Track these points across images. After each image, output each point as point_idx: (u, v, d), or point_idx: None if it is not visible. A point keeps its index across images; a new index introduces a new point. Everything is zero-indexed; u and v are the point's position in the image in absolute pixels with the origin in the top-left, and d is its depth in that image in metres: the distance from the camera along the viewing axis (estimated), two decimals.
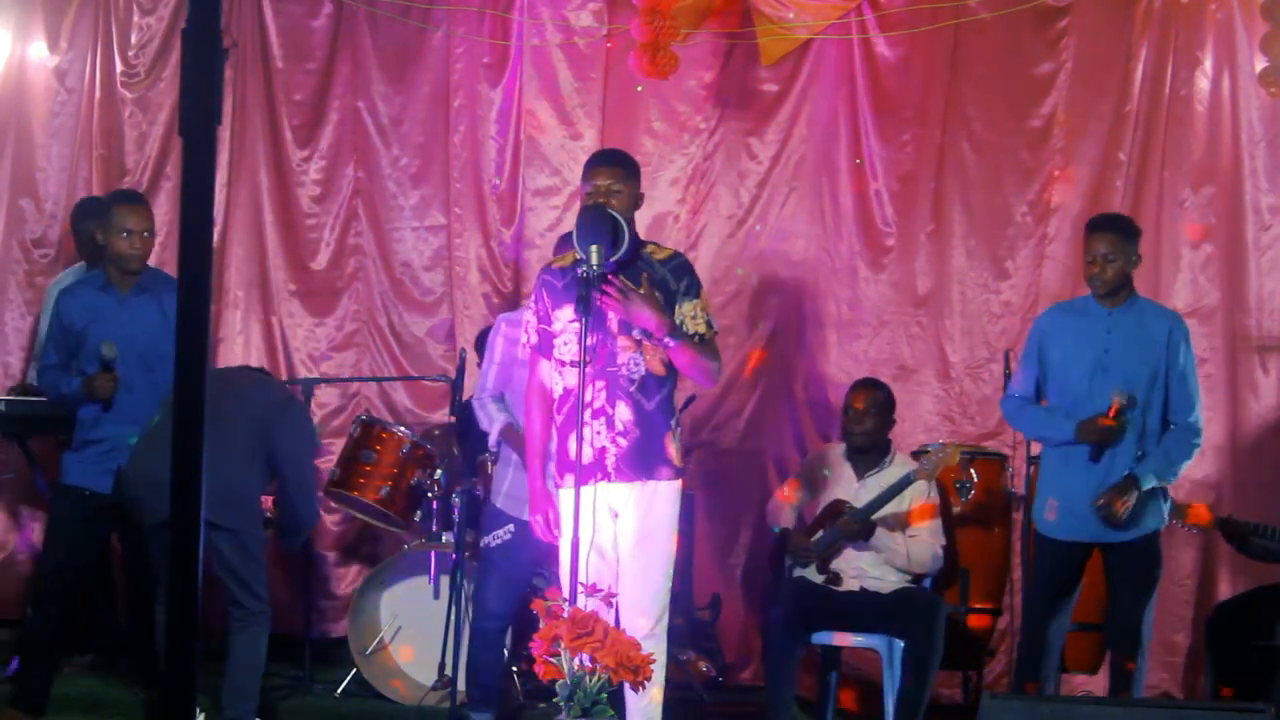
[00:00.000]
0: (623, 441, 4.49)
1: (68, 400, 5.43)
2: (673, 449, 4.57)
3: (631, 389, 4.50)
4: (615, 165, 4.65)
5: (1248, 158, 6.60)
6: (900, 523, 5.62)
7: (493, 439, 5.44)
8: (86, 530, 5.42)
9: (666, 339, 4.45)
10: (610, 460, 4.48)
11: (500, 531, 5.39)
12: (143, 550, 5.36)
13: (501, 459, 5.49)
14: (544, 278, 4.69)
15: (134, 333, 5.32)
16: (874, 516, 5.55)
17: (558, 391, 4.59)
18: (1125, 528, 5.18)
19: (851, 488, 5.69)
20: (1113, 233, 5.28)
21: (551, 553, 4.80)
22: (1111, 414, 5.12)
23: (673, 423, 4.60)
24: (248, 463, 5.14)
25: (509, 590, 5.38)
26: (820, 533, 5.65)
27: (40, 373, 5.66)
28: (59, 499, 5.52)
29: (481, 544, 5.47)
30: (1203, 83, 6.64)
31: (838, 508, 5.64)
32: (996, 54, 6.82)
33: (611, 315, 4.47)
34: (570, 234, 4.62)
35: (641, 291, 4.44)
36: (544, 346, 4.62)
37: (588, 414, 4.43)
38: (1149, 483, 5.14)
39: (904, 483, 5.52)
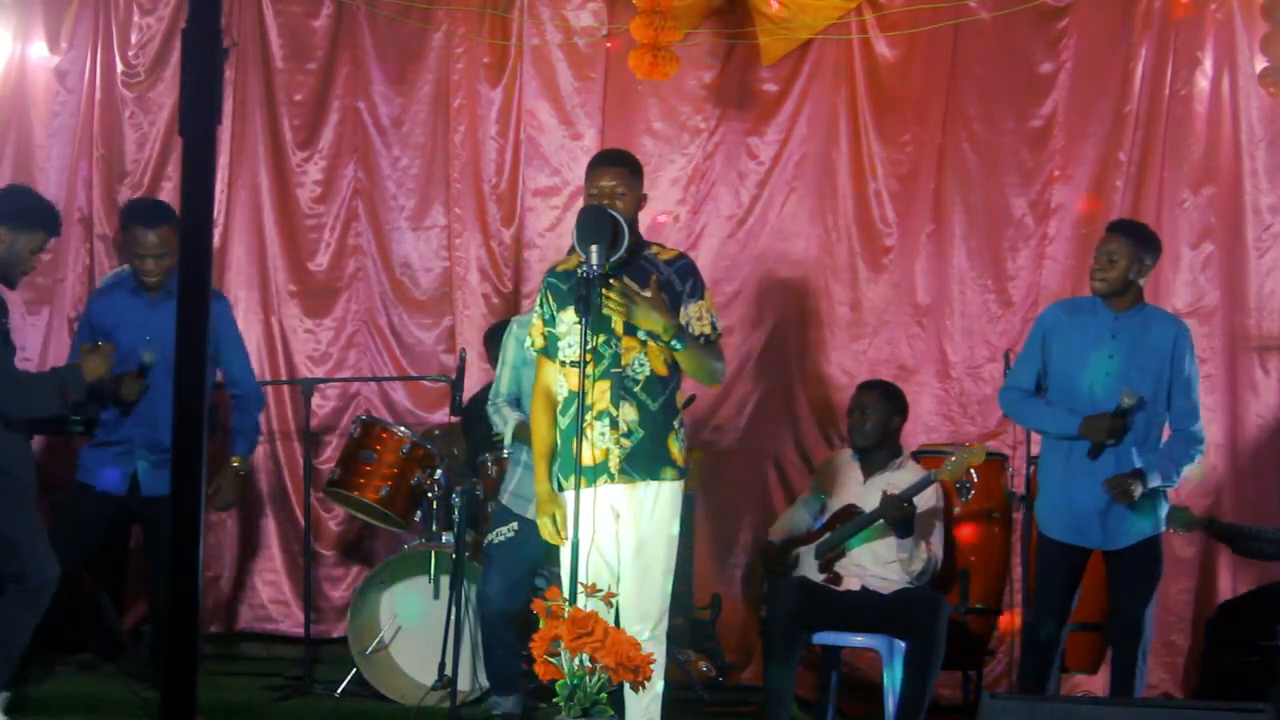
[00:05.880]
0: (627, 442, 4.49)
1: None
2: (676, 449, 4.58)
3: (636, 390, 4.50)
4: (620, 166, 4.65)
5: (1248, 158, 6.60)
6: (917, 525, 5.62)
7: (507, 439, 5.47)
8: (97, 529, 5.45)
9: (673, 342, 4.46)
10: (614, 461, 4.48)
11: (504, 529, 5.42)
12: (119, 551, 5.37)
13: (512, 459, 5.51)
14: (549, 281, 4.69)
15: (161, 337, 5.32)
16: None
17: (563, 394, 4.59)
18: (1125, 533, 5.21)
19: (858, 489, 5.68)
20: (1125, 236, 5.28)
21: (553, 552, 4.81)
22: (1118, 412, 5.13)
23: (676, 423, 4.61)
24: None
25: (513, 586, 5.41)
26: (827, 534, 5.65)
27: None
28: (75, 495, 5.53)
29: (485, 540, 5.49)
30: (1203, 83, 6.64)
31: (849, 512, 5.63)
32: (996, 54, 6.82)
33: (615, 317, 4.47)
34: None
35: (648, 295, 4.44)
36: (549, 349, 4.63)
37: (590, 415, 4.44)
38: (1154, 480, 5.16)
39: (925, 482, 5.51)
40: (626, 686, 4.10)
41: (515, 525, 5.38)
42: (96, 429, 5.46)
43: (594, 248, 4.37)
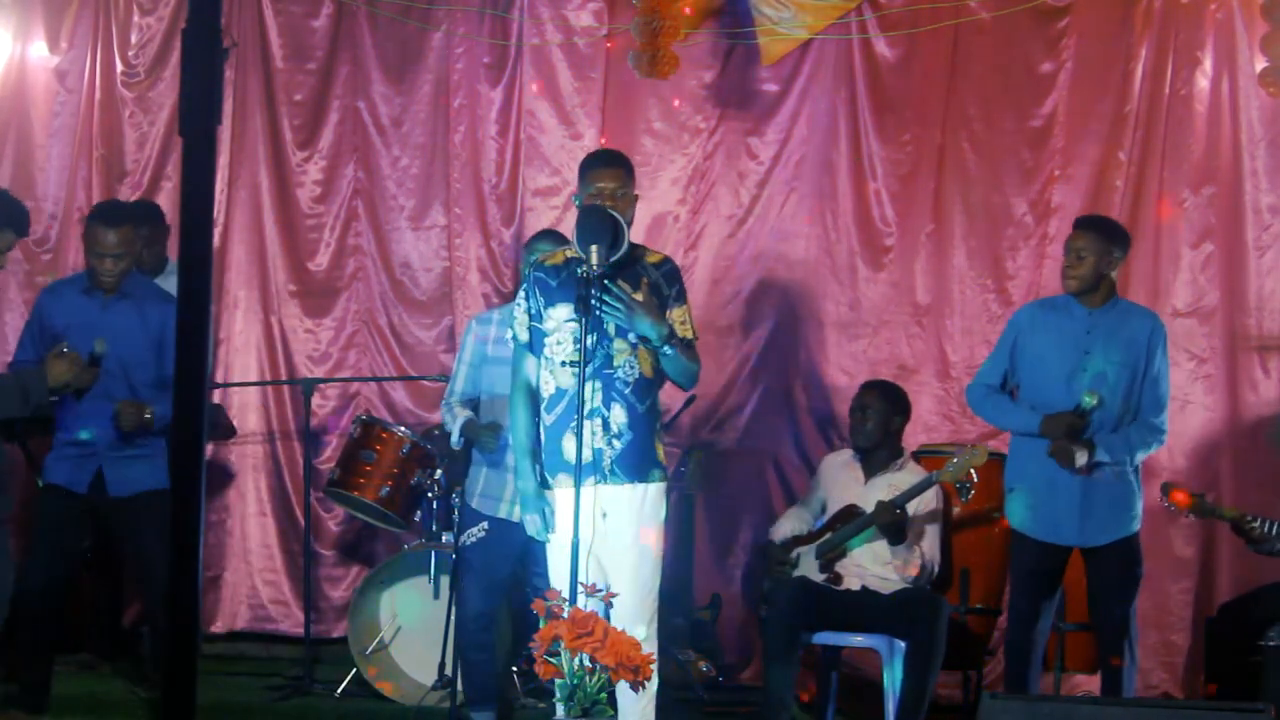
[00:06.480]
0: (617, 444, 4.50)
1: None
2: (660, 451, 4.61)
3: (626, 391, 4.51)
4: (619, 167, 4.66)
5: (1248, 158, 6.60)
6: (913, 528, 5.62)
7: (454, 437, 5.46)
8: (71, 530, 5.43)
9: (665, 348, 4.47)
10: (606, 462, 4.49)
11: (474, 530, 5.41)
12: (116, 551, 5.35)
13: (474, 459, 5.50)
14: (536, 275, 4.67)
15: (113, 339, 5.26)
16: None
17: (548, 391, 4.58)
18: (1103, 530, 5.24)
19: (859, 489, 5.68)
20: (1091, 231, 5.32)
21: (532, 550, 4.80)
22: (1079, 411, 5.15)
23: (659, 425, 4.63)
24: None
25: (488, 587, 5.41)
26: (828, 534, 5.64)
27: (10, 367, 5.60)
28: (43, 498, 5.51)
29: (458, 543, 5.49)
30: (1203, 83, 6.64)
31: (850, 512, 5.63)
32: (996, 54, 6.82)
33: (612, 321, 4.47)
34: (547, 230, 4.61)
35: (641, 299, 4.44)
36: (534, 344, 4.62)
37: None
38: (1100, 455, 5.19)
39: (926, 484, 5.50)
40: (621, 686, 4.10)
41: (485, 525, 5.38)
42: (57, 431, 5.42)
43: (594, 248, 4.37)
